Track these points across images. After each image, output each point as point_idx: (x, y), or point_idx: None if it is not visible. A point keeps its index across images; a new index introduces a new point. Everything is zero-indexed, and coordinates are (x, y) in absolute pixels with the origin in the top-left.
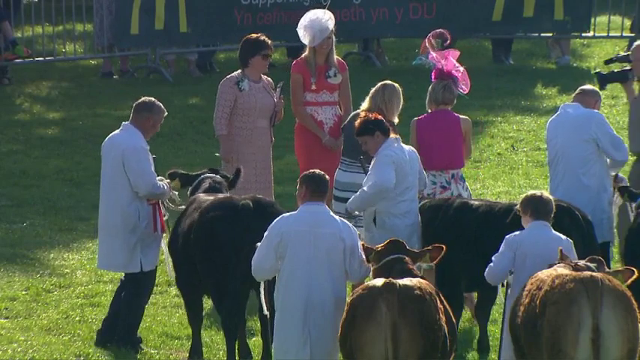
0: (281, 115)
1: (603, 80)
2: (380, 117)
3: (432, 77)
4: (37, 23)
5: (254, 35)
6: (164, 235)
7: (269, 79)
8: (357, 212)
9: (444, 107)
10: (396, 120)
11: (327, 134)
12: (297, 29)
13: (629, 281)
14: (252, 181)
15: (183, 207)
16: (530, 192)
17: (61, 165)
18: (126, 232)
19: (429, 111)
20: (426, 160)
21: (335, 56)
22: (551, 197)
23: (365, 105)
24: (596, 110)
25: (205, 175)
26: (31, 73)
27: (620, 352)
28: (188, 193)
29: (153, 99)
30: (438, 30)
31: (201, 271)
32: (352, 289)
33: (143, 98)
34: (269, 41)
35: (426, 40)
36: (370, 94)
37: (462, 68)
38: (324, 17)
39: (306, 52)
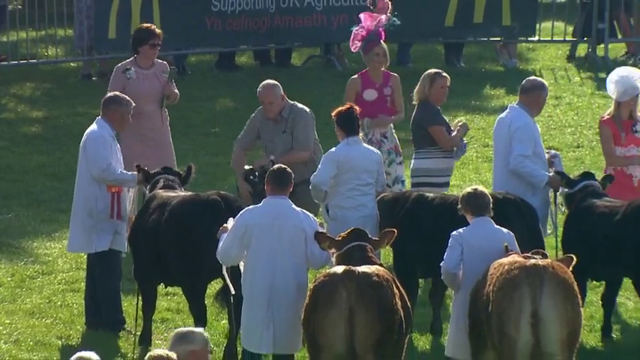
0: (174, 97)
1: None
2: (354, 113)
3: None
4: (21, 28)
5: (145, 25)
6: None
7: (164, 62)
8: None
9: None
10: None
11: None
12: (607, 83)
13: (571, 268)
14: (153, 157)
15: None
16: (466, 190)
17: (44, 160)
18: (84, 215)
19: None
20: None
21: (638, 112)
22: (485, 190)
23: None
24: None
25: (160, 175)
26: (15, 74)
27: (559, 335)
28: (147, 191)
29: (117, 93)
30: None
31: (175, 263)
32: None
33: (109, 93)
34: (159, 31)
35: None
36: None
37: (383, 16)
38: (636, 75)
39: (612, 107)
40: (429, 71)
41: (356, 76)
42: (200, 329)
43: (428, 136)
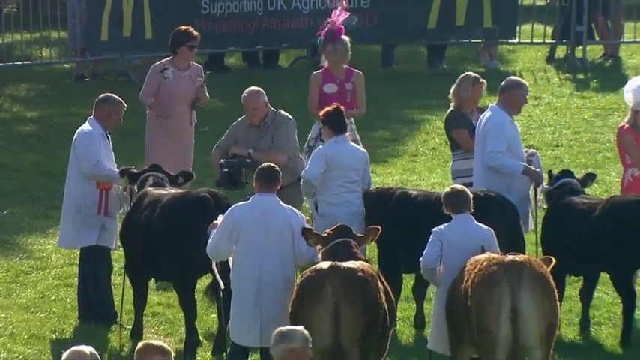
0: (205, 100)
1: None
2: (341, 112)
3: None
4: (16, 31)
5: (184, 27)
6: None
7: (199, 66)
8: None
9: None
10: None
11: None
12: (624, 92)
13: (549, 269)
14: (174, 157)
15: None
16: (445, 189)
17: (38, 159)
18: (73, 211)
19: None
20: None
21: None
22: (462, 188)
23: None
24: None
25: (149, 173)
26: (10, 75)
27: (538, 329)
28: (136, 189)
29: (109, 93)
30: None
31: (165, 259)
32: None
33: (102, 94)
34: (196, 34)
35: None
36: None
37: (345, 15)
38: None
39: (628, 116)
40: (470, 75)
41: (319, 70)
42: (301, 327)
43: (454, 139)
